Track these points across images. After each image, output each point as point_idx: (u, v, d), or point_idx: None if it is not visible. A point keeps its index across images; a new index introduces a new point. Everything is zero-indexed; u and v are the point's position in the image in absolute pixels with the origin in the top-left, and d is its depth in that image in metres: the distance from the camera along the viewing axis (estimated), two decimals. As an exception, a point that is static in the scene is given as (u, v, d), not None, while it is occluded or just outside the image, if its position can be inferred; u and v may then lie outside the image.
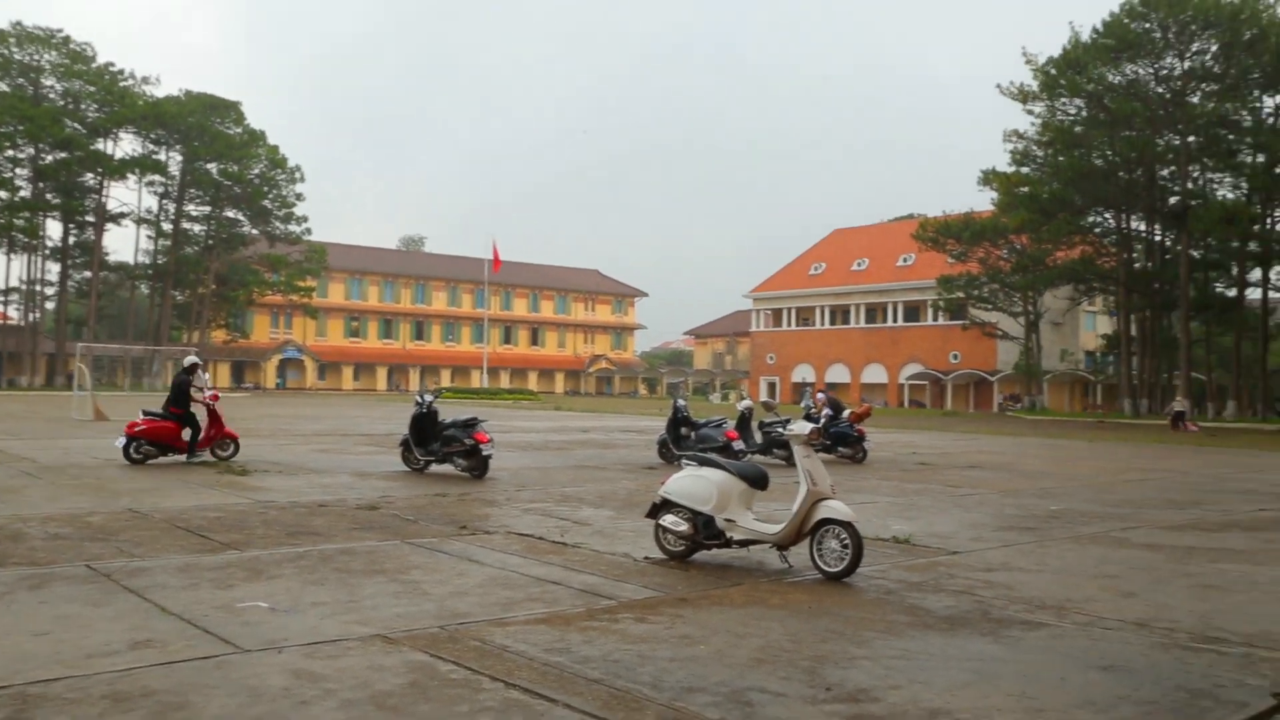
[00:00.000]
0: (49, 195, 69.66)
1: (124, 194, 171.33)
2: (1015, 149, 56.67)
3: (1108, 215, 58.81)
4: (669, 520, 8.27)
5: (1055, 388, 71.96)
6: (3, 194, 66.45)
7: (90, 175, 71.22)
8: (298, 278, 78.57)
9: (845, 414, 20.30)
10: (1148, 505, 13.48)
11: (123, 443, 15.86)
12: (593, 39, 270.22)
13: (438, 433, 15.30)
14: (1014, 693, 4.92)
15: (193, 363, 16.67)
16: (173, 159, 74.64)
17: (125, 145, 73.36)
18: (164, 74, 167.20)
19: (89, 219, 72.18)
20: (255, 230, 78.22)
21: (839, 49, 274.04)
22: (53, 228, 72.23)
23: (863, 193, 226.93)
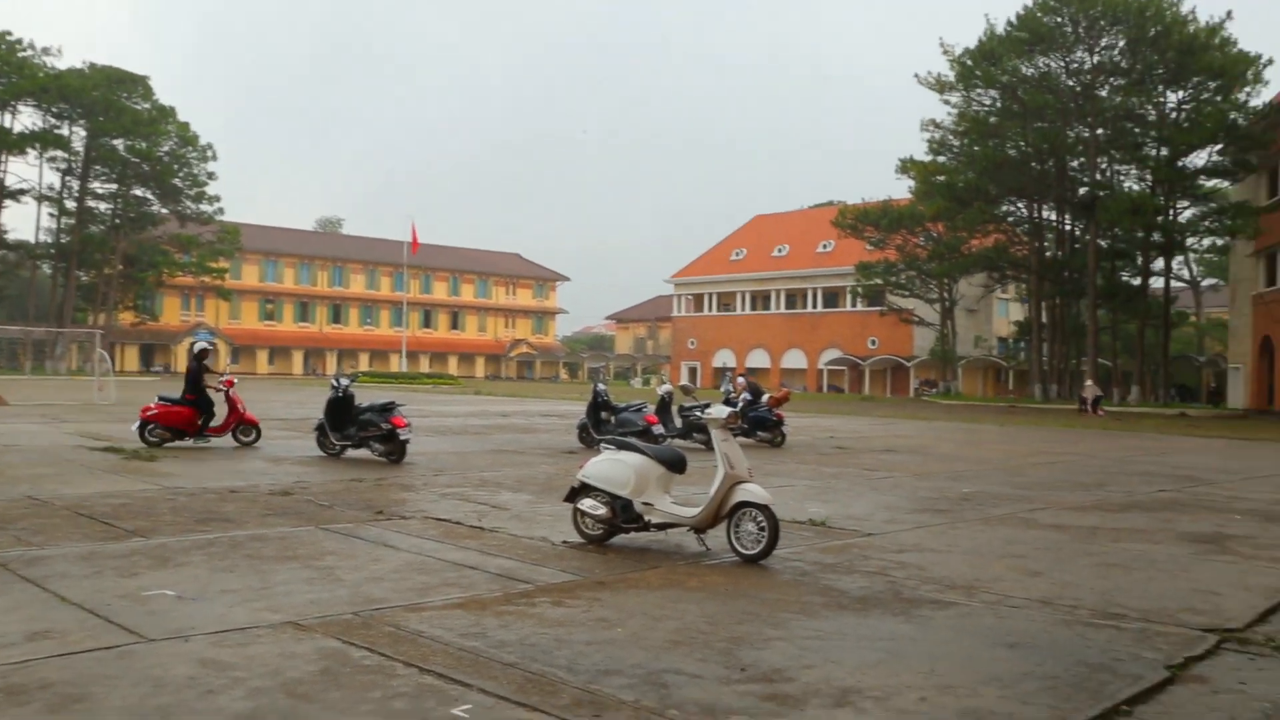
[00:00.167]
0: (-61, 168, 66.59)
1: (24, 170, 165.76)
2: (932, 138, 57.47)
3: (1021, 205, 60.05)
4: (587, 504, 8.26)
5: (969, 373, 73.51)
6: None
7: (-14, 149, 68.13)
8: (210, 259, 76.43)
9: (764, 399, 20.51)
10: (1055, 487, 13.86)
11: (137, 426, 16.24)
12: (515, 18, 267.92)
13: (354, 417, 15.08)
14: (923, 670, 5.02)
15: (203, 349, 16.71)
16: (76, 134, 71.78)
17: (24, 119, 70.37)
18: (67, 48, 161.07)
19: (-15, 195, 69.18)
20: (165, 210, 75.65)
21: (761, 36, 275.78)
22: (-56, 204, 69.14)
23: (784, 179, 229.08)
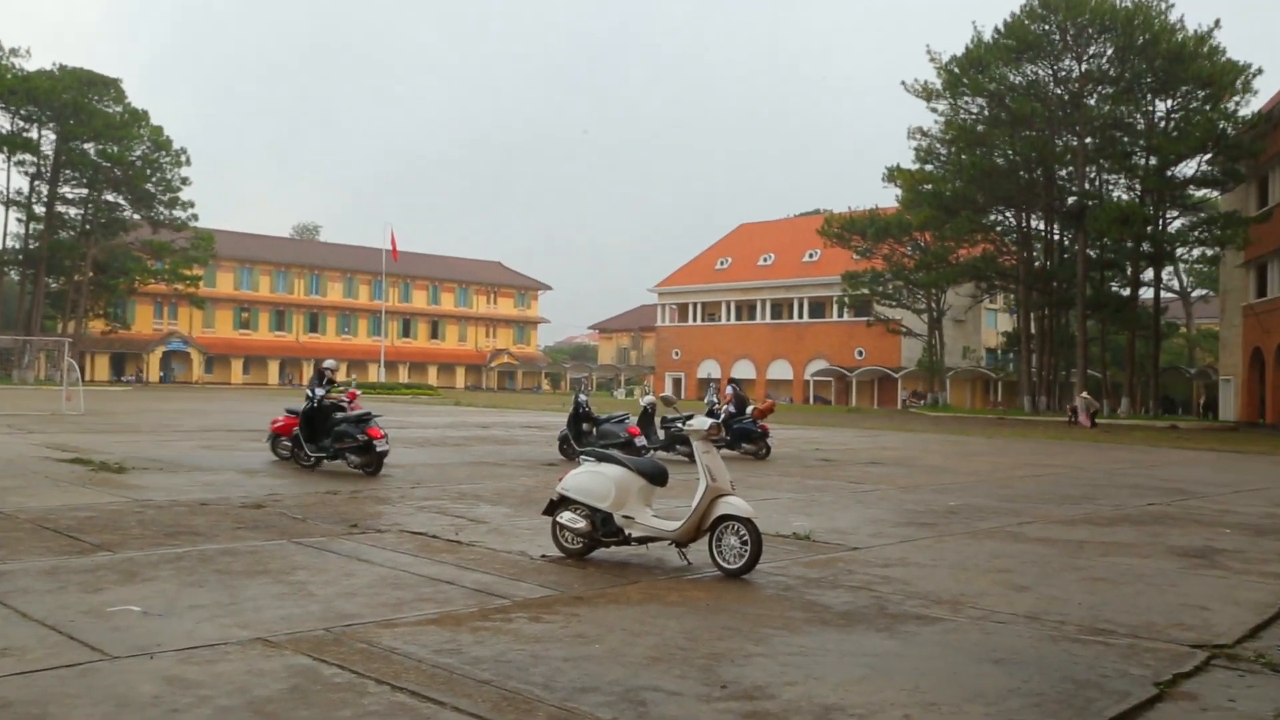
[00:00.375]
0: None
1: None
2: (920, 146, 57.50)
3: (1008, 214, 60.03)
4: (566, 517, 8.12)
5: (957, 384, 73.66)
6: None
7: (-50, 152, 66.92)
8: (183, 266, 74.98)
9: (749, 410, 20.40)
10: (1043, 500, 13.79)
11: (269, 439, 16.68)
12: (496, 27, 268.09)
13: (330, 428, 14.85)
14: (907, 687, 4.92)
15: (327, 366, 16.52)
16: (45, 137, 70.56)
17: (-9, 122, 69.23)
18: (37, 49, 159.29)
19: (-51, 198, 67.88)
20: (137, 215, 74.29)
21: (746, 43, 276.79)
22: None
23: (769, 188, 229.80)
